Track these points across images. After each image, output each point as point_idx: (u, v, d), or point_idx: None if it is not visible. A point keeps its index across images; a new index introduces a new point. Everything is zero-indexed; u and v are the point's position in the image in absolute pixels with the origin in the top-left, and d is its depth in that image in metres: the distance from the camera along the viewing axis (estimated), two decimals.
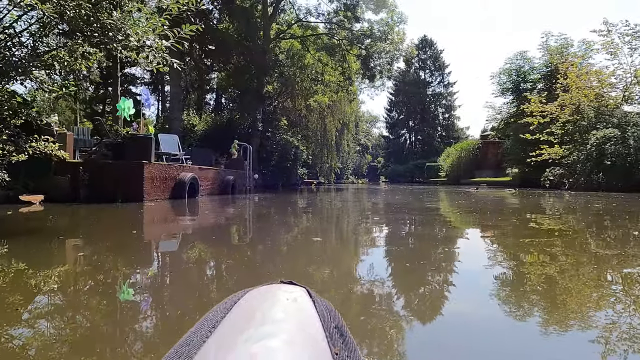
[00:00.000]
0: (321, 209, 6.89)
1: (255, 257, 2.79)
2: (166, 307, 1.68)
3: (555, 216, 5.63)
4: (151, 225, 4.54)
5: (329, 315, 0.37)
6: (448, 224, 4.93)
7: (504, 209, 6.97)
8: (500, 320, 1.55)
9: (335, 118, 30.46)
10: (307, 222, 5.10)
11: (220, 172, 9.76)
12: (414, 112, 58.45)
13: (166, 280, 2.15)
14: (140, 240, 3.51)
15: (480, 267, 2.50)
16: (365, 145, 58.01)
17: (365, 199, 10.61)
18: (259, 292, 0.39)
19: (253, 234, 4.02)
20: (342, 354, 0.32)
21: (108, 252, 2.86)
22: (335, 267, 2.57)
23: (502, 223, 4.88)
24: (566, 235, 3.90)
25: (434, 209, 6.95)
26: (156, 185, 6.76)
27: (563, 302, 1.74)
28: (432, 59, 58.51)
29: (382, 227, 4.60)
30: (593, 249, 3.05)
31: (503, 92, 21.45)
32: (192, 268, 2.41)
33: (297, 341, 0.31)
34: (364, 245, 3.47)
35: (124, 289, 1.87)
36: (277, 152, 21.06)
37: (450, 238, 3.82)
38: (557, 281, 2.08)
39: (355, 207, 7.57)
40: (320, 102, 23.24)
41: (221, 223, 4.78)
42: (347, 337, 0.35)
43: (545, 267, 2.39)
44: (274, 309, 0.35)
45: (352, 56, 20.73)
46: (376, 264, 2.63)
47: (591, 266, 2.42)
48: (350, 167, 51.63)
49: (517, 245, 3.28)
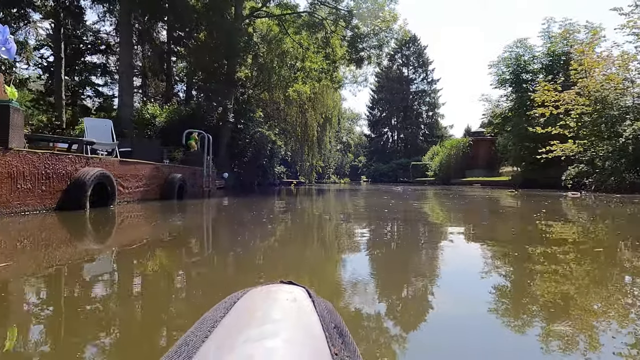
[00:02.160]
0: (305, 234, 4.32)
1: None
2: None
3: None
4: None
5: (328, 316, 0.36)
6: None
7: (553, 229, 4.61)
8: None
9: (317, 112, 27.93)
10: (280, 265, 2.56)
11: (160, 168, 7.01)
12: (396, 109, 56.73)
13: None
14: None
15: None
16: (348, 143, 55.75)
17: (359, 205, 8.16)
18: (259, 292, 0.39)
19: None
20: (341, 354, 0.32)
21: None
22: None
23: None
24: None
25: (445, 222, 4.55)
26: (26, 189, 4.03)
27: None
28: (415, 55, 56.97)
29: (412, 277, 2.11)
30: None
31: (502, 83, 19.50)
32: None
33: (296, 341, 0.31)
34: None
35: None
36: (251, 147, 18.32)
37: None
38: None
39: (351, 220, 5.11)
40: (300, 92, 20.63)
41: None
42: (347, 337, 0.35)
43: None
44: (273, 309, 0.35)
45: (336, 39, 18.22)
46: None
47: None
48: (332, 165, 49.19)
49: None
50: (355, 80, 34.94)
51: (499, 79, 19.93)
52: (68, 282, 1.86)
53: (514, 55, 18.99)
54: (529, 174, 17.47)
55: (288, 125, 26.41)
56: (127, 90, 14.44)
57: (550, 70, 18.32)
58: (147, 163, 6.50)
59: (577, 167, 11.80)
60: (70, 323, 1.32)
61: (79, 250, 2.70)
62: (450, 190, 15.02)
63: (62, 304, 1.53)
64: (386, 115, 58.55)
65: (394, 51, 58.96)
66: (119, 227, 3.97)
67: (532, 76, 19.16)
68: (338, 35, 17.63)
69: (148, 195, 6.54)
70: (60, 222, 3.95)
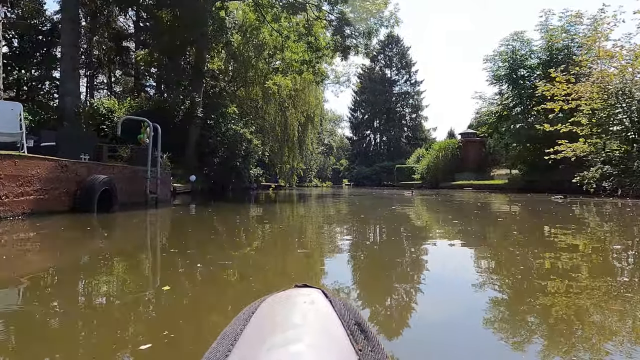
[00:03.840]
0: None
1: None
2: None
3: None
4: None
5: (347, 313, 0.36)
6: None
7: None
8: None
9: (298, 110, 25.90)
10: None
11: (70, 167, 4.82)
12: (379, 111, 55.39)
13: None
14: None
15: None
16: (330, 146, 53.91)
17: (350, 217, 6.29)
18: (276, 298, 0.38)
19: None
20: (365, 349, 0.32)
21: None
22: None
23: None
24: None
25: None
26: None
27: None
28: (398, 57, 55.94)
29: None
30: None
31: (497, 79, 18.11)
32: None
33: (320, 343, 0.31)
34: None
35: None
36: (223, 146, 16.10)
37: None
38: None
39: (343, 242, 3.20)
40: (280, 85, 18.55)
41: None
42: (369, 331, 0.35)
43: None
44: (293, 314, 0.34)
45: (319, 27, 16.31)
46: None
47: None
48: (314, 168, 47.17)
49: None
50: (337, 81, 33.14)
51: (494, 74, 18.57)
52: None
53: (510, 49, 17.64)
54: (529, 177, 16.05)
55: (266, 123, 24.28)
56: (71, 76, 12.00)
57: (549, 66, 17.07)
58: (41, 158, 4.32)
59: (600, 169, 10.30)
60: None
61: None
62: (450, 196, 13.36)
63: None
64: (369, 117, 57.13)
65: (376, 52, 57.70)
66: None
67: (529, 72, 17.88)
68: (322, 22, 15.73)
69: (46, 205, 4.35)
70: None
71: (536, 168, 15.75)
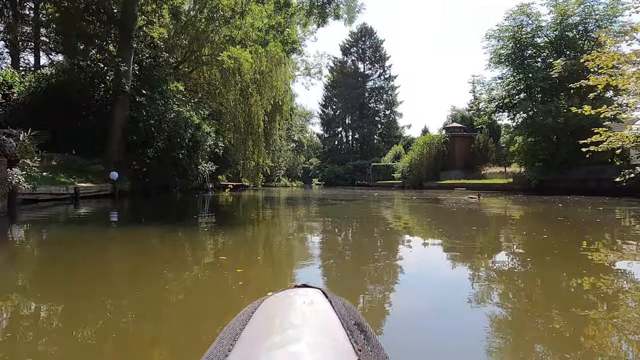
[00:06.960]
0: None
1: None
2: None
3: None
4: None
5: (347, 313, 0.36)
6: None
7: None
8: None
9: (264, 97, 22.04)
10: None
11: None
12: (352, 107, 52.44)
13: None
14: None
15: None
16: (300, 142, 50.18)
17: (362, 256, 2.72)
18: (275, 299, 0.38)
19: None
20: (365, 349, 0.32)
21: None
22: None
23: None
24: None
25: None
26: None
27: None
28: (371, 50, 53.23)
29: None
30: None
31: (502, 60, 15.32)
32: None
33: (319, 343, 0.31)
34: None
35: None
36: (162, 133, 12.05)
37: None
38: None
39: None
40: (239, 60, 14.67)
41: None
42: (369, 331, 0.34)
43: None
44: (292, 314, 0.34)
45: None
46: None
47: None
48: (282, 166, 43.22)
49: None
50: (308, 73, 29.60)
51: (495, 55, 15.78)
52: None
53: (517, 23, 14.88)
54: (543, 176, 13.29)
55: (226, 111, 20.24)
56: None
57: (559, 45, 14.48)
58: None
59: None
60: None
61: None
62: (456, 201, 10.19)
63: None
64: (340, 113, 54.06)
65: (349, 44, 54.91)
66: None
67: (536, 51, 15.24)
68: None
69: None
70: None
71: (550, 165, 13.01)
